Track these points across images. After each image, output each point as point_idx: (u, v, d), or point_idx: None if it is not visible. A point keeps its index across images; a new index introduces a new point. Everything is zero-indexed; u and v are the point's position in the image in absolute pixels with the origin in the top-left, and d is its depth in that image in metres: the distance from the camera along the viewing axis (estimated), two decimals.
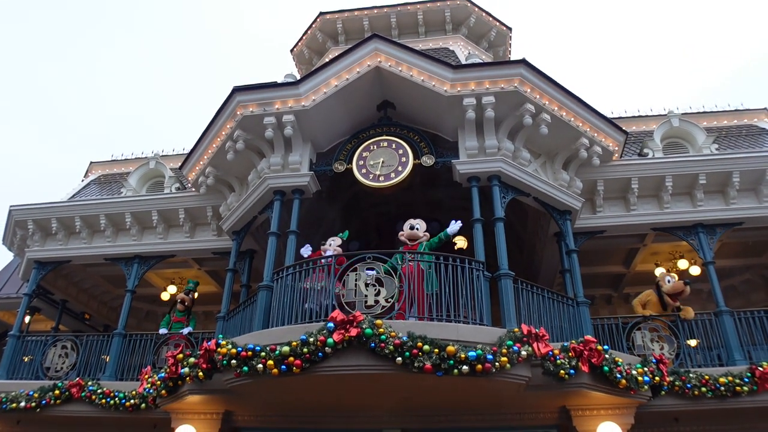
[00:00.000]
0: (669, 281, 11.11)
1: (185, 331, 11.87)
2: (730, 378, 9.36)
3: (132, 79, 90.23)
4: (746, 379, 9.35)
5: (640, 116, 14.45)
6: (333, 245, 9.92)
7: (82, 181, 16.34)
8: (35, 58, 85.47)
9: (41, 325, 16.31)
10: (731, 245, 13.06)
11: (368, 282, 8.35)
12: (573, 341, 8.40)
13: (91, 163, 16.70)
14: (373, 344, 7.52)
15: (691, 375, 9.41)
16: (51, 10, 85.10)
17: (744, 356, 10.12)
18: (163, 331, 12.14)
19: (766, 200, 11.47)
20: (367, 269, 8.49)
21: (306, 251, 9.81)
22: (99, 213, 13.20)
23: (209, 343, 8.53)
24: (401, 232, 9.86)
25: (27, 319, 14.13)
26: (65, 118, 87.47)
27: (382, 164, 10.32)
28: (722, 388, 9.29)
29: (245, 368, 7.90)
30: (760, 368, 9.37)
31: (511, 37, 16.82)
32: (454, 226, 9.62)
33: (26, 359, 12.50)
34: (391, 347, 7.46)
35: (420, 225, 9.87)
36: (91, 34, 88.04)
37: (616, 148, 11.32)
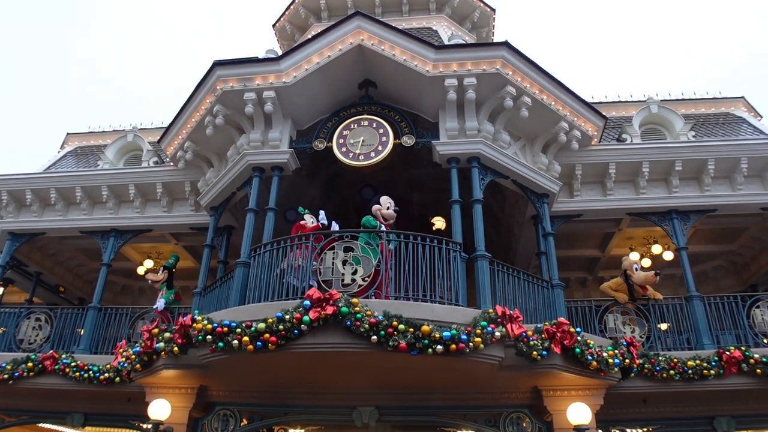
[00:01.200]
0: (637, 269, 11.25)
1: (158, 305, 11.69)
2: (698, 361, 9.57)
3: (111, 50, 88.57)
4: (713, 363, 9.56)
5: (619, 102, 14.57)
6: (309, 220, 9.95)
7: (59, 152, 16.11)
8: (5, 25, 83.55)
9: (15, 297, 16.15)
10: (704, 231, 13.28)
11: (345, 260, 8.38)
12: (546, 323, 8.55)
13: (68, 134, 16.47)
14: (348, 322, 7.58)
15: (660, 358, 9.61)
16: None
17: (712, 341, 10.34)
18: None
19: (739, 188, 11.66)
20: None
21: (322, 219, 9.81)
22: (75, 185, 13.05)
23: (185, 318, 8.54)
24: (377, 206, 9.76)
25: (0, 290, 14.00)
26: (40, 87, 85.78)
27: (363, 143, 10.29)
28: (690, 371, 9.50)
29: (221, 344, 7.93)
30: (727, 353, 9.58)
31: (494, 18, 16.76)
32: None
33: None
34: (367, 326, 7.54)
35: (392, 204, 9.84)
36: (69, 6, 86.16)
37: (596, 133, 11.41)
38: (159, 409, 9.17)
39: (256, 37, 77.18)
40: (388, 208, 9.74)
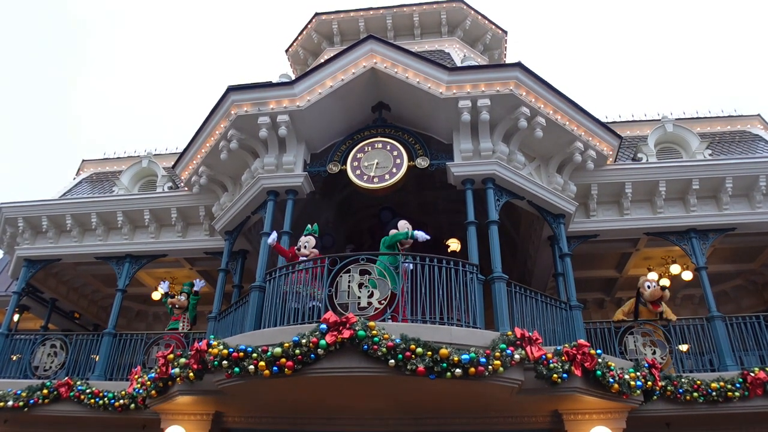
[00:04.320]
0: (648, 287, 11.09)
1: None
2: (721, 383, 9.35)
3: (126, 77, 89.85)
4: (738, 385, 9.35)
5: (634, 121, 14.49)
6: (308, 246, 9.74)
7: (74, 179, 16.24)
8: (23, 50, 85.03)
9: (30, 324, 16.18)
10: (723, 251, 13.09)
11: (362, 283, 8.30)
12: (566, 345, 8.41)
13: (83, 161, 16.61)
14: (365, 346, 7.48)
15: (683, 380, 9.42)
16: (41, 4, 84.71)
17: (735, 362, 10.14)
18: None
19: (758, 206, 11.50)
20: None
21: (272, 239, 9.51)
22: (90, 211, 13.11)
23: (200, 343, 8.48)
24: (395, 231, 9.66)
25: (16, 317, 14.03)
26: (55, 114, 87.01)
27: (377, 166, 10.28)
28: (714, 394, 9.28)
29: (236, 369, 7.85)
30: (752, 374, 9.37)
31: (506, 40, 16.84)
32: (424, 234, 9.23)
33: (14, 358, 12.40)
34: (384, 349, 7.43)
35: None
36: (82, 28, 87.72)
37: (611, 153, 11.34)
38: None
39: (269, 63, 78.06)
40: None
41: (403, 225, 9.58)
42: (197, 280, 12.37)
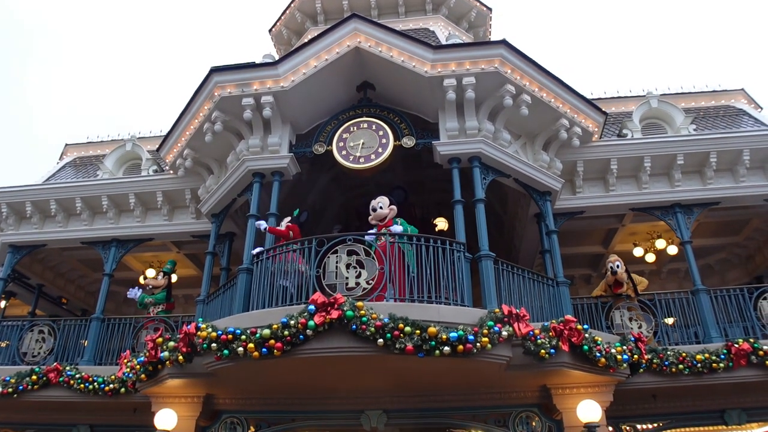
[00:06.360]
0: (611, 268, 11.05)
1: (132, 293, 12.04)
2: (706, 355, 9.51)
3: (107, 59, 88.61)
4: (722, 356, 9.50)
5: (619, 97, 14.50)
6: (285, 222, 9.86)
7: (57, 163, 16.05)
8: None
9: (17, 310, 16.12)
10: (708, 225, 13.21)
11: (349, 264, 8.31)
12: (553, 321, 8.49)
13: (66, 145, 16.40)
14: (354, 326, 7.53)
15: (668, 352, 9.55)
16: None
17: (720, 333, 10.29)
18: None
19: (742, 180, 11.60)
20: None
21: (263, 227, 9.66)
22: (75, 196, 12.99)
23: (189, 326, 8.48)
24: (370, 217, 9.67)
25: (2, 303, 13.97)
26: (38, 100, 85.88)
27: (363, 146, 10.24)
28: (699, 365, 9.44)
29: (226, 351, 7.88)
30: (736, 345, 9.52)
31: (491, 17, 16.74)
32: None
33: (2, 344, 12.34)
34: (373, 329, 7.48)
35: (383, 202, 9.60)
36: (62, 9, 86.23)
37: (596, 129, 11.36)
38: (165, 418, 9.12)
39: (253, 43, 77.19)
40: (374, 210, 9.59)
41: (376, 202, 9.59)
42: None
